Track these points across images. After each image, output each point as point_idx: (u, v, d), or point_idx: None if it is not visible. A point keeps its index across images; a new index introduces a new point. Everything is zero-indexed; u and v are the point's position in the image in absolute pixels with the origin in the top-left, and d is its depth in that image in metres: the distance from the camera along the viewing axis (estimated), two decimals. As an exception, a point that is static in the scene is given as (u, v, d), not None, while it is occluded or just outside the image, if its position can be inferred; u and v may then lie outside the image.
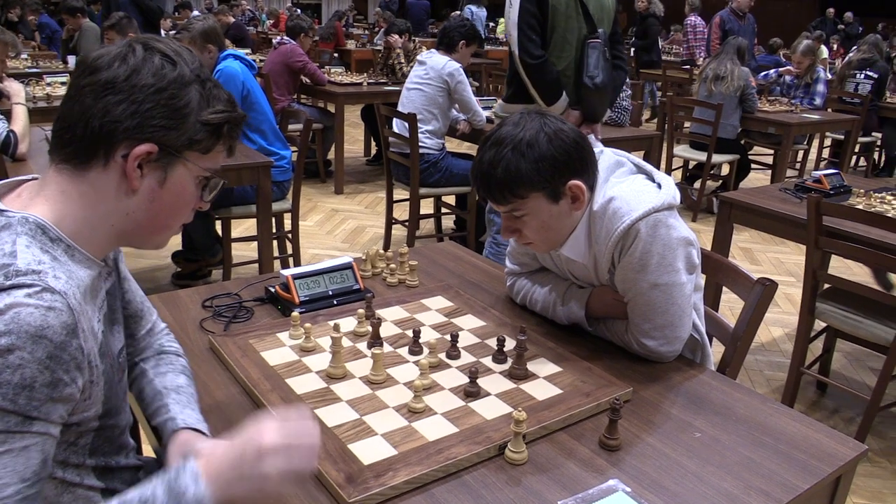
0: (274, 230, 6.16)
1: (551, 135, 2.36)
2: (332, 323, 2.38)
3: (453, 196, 7.81)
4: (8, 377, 1.40)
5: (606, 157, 2.56)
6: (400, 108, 6.99)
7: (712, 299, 5.13)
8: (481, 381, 2.27)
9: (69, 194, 1.59)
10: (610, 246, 2.40)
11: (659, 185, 2.50)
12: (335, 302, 2.66)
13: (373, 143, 11.57)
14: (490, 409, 2.10)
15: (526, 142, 2.32)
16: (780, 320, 6.27)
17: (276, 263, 6.38)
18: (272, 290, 2.80)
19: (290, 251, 6.39)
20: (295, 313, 2.49)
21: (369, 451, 1.91)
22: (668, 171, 9.26)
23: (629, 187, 2.44)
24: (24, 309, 1.43)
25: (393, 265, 2.93)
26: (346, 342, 2.39)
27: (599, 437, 2.09)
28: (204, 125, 1.62)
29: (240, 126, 1.68)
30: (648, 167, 2.59)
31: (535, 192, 2.33)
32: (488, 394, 2.19)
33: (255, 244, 6.91)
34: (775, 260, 7.68)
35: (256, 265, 6.09)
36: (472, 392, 2.19)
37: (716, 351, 4.53)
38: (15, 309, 1.44)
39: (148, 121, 1.57)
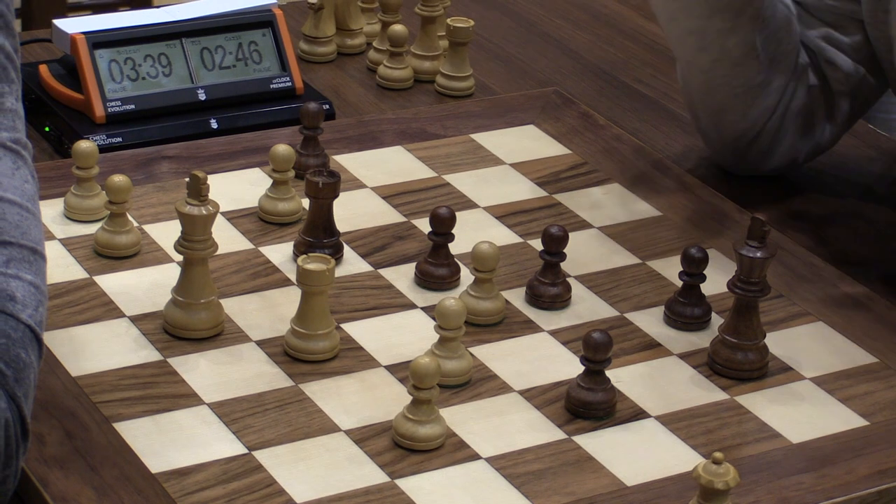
0: None
1: None
2: (188, 179, 1.24)
3: None
4: None
5: None
6: None
7: None
8: (620, 375, 1.13)
9: None
10: None
11: None
12: (213, 123, 1.46)
13: None
14: (640, 454, 1.11)
15: None
16: None
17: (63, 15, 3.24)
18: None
19: None
20: (87, 145, 1.28)
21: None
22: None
23: None
24: None
25: (400, 26, 1.61)
26: (228, 236, 1.24)
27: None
28: None
29: None
30: None
31: None
32: (640, 412, 1.12)
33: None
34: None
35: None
36: (590, 403, 1.11)
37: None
38: None
39: None
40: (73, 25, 1.42)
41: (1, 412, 0.92)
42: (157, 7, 1.59)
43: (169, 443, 1.07)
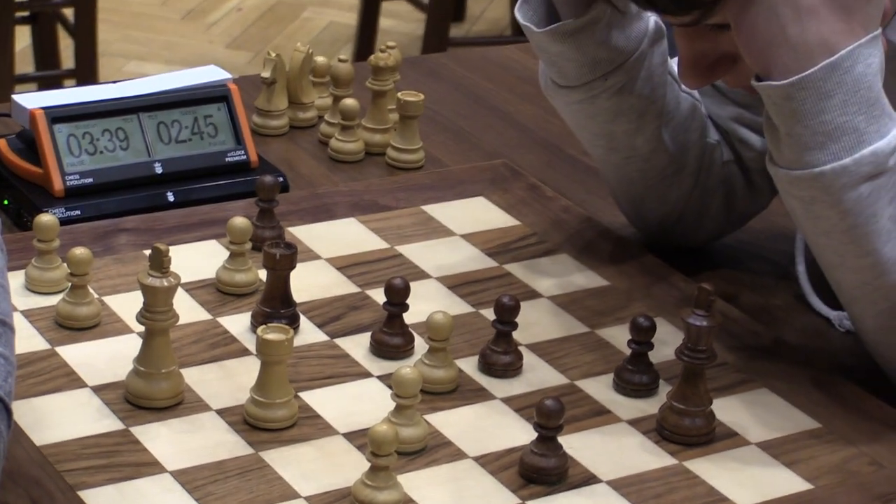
0: None
1: None
2: (149, 252, 1.14)
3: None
4: None
5: None
6: None
7: None
8: (573, 441, 1.13)
9: None
10: None
11: None
12: (170, 196, 1.44)
13: None
14: None
15: None
16: None
17: (23, 90, 2.93)
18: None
19: (68, 62, 3.41)
20: (48, 218, 1.26)
21: None
22: None
23: None
24: None
25: (352, 100, 1.60)
26: (188, 307, 1.22)
27: None
28: None
29: None
30: None
31: None
32: (591, 478, 1.10)
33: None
34: None
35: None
36: (543, 469, 1.11)
37: None
38: None
39: None
40: (31, 100, 1.42)
41: None
42: (113, 82, 1.56)
43: None
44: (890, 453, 1.16)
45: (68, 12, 3.11)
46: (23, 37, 3.26)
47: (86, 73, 3.10)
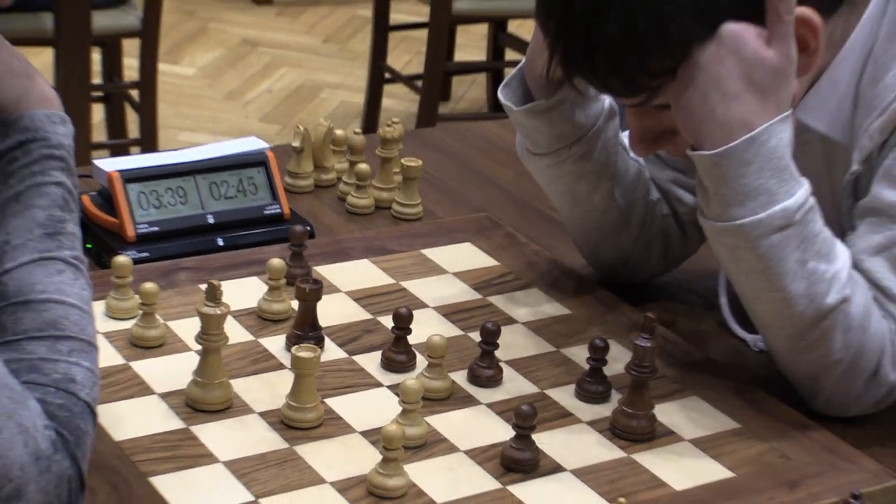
0: (98, 78, 3.25)
1: None
2: (205, 286, 1.13)
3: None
4: None
5: None
6: None
7: None
8: (543, 439, 1.09)
9: None
10: None
11: None
12: (220, 241, 1.42)
13: None
14: (558, 501, 1.06)
15: None
16: None
17: (99, 156, 2.70)
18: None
19: (134, 133, 3.24)
20: (123, 259, 1.24)
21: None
22: None
23: None
24: None
25: (364, 165, 1.54)
26: (235, 331, 1.18)
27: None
28: None
29: None
30: None
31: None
32: (558, 467, 1.07)
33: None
34: None
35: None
36: (520, 461, 1.07)
37: None
38: None
39: None
40: (108, 164, 1.38)
41: (65, 470, 0.91)
42: (173, 150, 1.52)
43: (192, 493, 1.03)
44: (795, 448, 1.14)
45: (134, 93, 3.09)
46: (97, 112, 3.23)
47: (148, 141, 3.05)
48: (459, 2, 3.23)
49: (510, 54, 3.79)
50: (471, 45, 4.09)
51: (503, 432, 1.13)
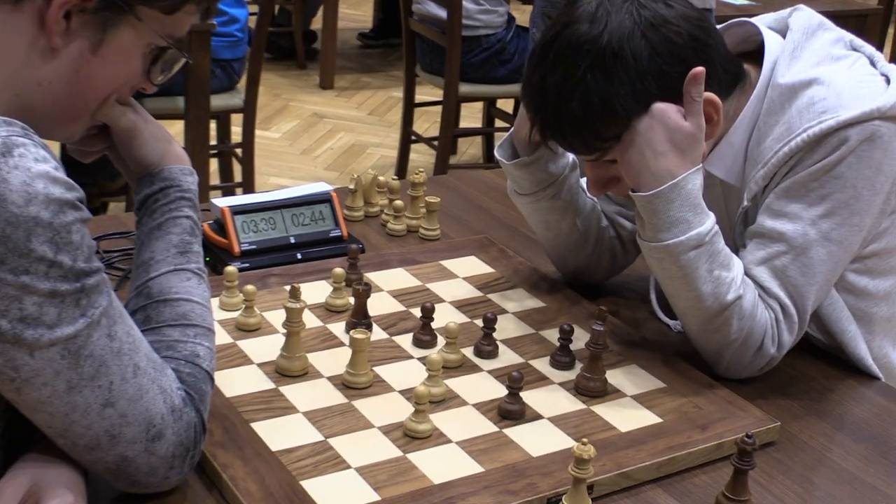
0: (213, 141, 3.13)
1: (650, 27, 1.08)
2: (289, 288, 1.14)
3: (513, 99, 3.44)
4: None
5: (804, 17, 1.24)
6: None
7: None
8: (528, 396, 1.07)
9: None
10: (785, 152, 1.13)
11: (888, 80, 1.19)
12: (298, 255, 1.39)
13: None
14: (538, 440, 1.04)
15: (612, 51, 1.07)
16: None
17: (214, 196, 2.31)
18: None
19: (238, 178, 3.15)
20: (231, 268, 1.24)
21: (335, 495, 0.95)
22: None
23: (844, 72, 1.17)
24: None
25: (399, 201, 1.53)
26: (310, 319, 1.20)
27: (717, 498, 0.98)
28: None
29: None
30: (871, 49, 1.25)
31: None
32: (538, 416, 1.06)
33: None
34: None
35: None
36: (511, 411, 1.06)
37: None
38: None
39: None
40: (221, 202, 1.38)
41: (192, 419, 0.91)
42: (266, 192, 1.51)
43: (280, 434, 1.02)
44: (705, 401, 1.12)
45: (238, 151, 3.10)
46: (213, 164, 3.25)
47: (248, 184, 3.06)
48: (463, 86, 3.28)
49: (499, 123, 3.83)
50: (471, 116, 4.14)
51: (500, 391, 1.12)
